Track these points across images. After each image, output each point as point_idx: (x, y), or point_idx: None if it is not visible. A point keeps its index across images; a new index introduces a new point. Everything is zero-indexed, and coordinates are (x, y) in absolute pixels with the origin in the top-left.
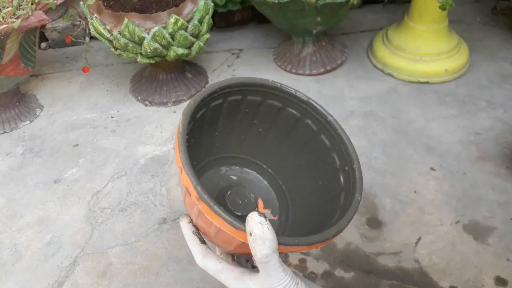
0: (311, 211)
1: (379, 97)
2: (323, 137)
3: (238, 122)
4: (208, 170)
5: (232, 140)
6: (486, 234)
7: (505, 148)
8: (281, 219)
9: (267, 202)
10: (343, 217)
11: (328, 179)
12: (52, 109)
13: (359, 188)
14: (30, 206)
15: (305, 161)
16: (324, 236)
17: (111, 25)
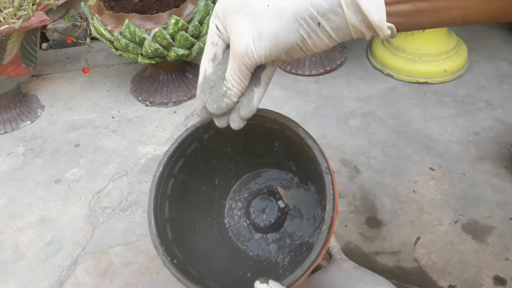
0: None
1: (378, 97)
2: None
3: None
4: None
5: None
6: (485, 234)
7: (503, 148)
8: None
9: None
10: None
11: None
12: (53, 109)
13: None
14: (31, 206)
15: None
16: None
17: (112, 26)
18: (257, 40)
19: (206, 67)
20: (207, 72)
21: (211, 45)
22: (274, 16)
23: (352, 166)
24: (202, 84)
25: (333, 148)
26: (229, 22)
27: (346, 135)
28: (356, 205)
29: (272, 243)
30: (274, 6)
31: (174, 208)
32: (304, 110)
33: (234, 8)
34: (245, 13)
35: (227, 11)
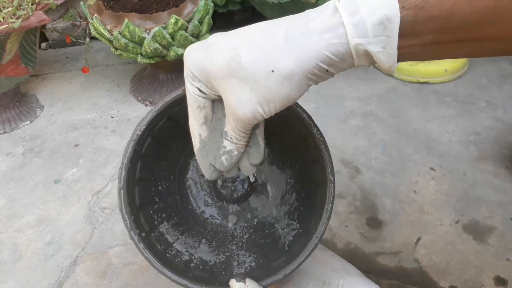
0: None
1: (379, 97)
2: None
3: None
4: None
5: None
6: (486, 234)
7: (504, 148)
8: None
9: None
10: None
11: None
12: (52, 109)
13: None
14: (30, 206)
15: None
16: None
17: (111, 25)
18: (265, 105)
19: (200, 132)
20: (202, 137)
21: (198, 109)
22: (283, 80)
23: (352, 166)
24: (201, 149)
25: (333, 148)
26: (219, 86)
27: (346, 135)
28: (357, 205)
29: (231, 214)
30: (280, 71)
31: (144, 168)
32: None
33: (222, 74)
34: (240, 79)
35: (211, 75)
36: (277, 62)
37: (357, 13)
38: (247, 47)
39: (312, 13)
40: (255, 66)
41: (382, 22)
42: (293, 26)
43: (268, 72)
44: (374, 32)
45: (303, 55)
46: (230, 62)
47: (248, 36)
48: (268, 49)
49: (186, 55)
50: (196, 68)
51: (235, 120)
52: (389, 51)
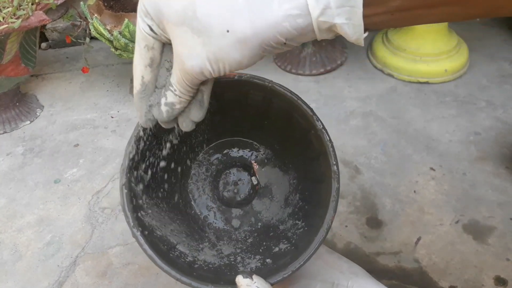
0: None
1: (379, 97)
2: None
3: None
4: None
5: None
6: (486, 234)
7: (504, 148)
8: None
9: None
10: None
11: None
12: (52, 109)
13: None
14: (30, 206)
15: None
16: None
17: (111, 25)
18: (215, 63)
19: (144, 74)
20: (145, 79)
21: (145, 48)
22: (236, 43)
23: (352, 166)
24: (141, 92)
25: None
26: (171, 31)
27: (346, 135)
28: (357, 205)
29: (234, 219)
30: (235, 34)
31: (147, 166)
32: None
33: (176, 18)
34: (194, 29)
35: (165, 17)
36: (233, 23)
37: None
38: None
39: None
40: (210, 20)
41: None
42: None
43: (222, 31)
44: (337, 3)
45: (261, 23)
46: (185, 9)
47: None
48: (227, 7)
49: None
50: (151, 5)
51: (182, 72)
52: (355, 22)
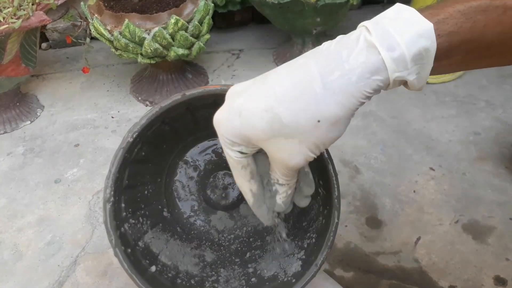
0: None
1: (378, 97)
2: None
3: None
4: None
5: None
6: (485, 234)
7: (504, 148)
8: None
9: None
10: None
11: None
12: (52, 109)
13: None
14: (31, 206)
15: None
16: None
17: (111, 26)
18: (316, 149)
19: (251, 187)
20: (254, 191)
21: (243, 169)
22: (330, 126)
23: (352, 166)
24: (256, 202)
25: (333, 148)
26: (264, 146)
27: (346, 135)
28: (356, 205)
29: (219, 221)
30: (326, 120)
31: (131, 174)
32: None
33: (265, 136)
34: (286, 136)
35: (252, 139)
36: (321, 112)
37: (397, 48)
38: (284, 104)
39: (343, 51)
40: (298, 121)
41: (420, 52)
42: (327, 69)
43: (314, 123)
44: (412, 63)
45: (347, 99)
46: (271, 124)
47: (280, 90)
48: (308, 101)
49: (217, 123)
50: (234, 136)
51: (286, 169)
52: (423, 75)
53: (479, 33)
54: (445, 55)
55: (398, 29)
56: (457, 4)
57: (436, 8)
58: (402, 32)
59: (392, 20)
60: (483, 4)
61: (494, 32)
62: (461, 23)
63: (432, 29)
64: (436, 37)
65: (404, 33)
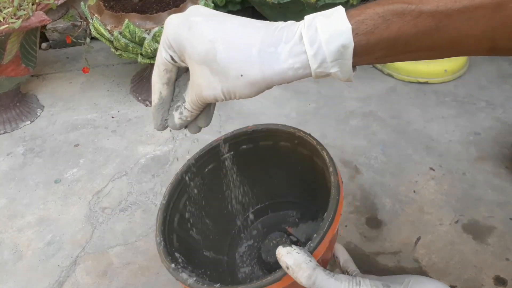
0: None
1: (378, 97)
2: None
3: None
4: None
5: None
6: (485, 234)
7: (504, 148)
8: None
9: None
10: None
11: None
12: (52, 109)
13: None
14: (30, 206)
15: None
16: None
17: (111, 26)
18: (227, 94)
19: (161, 90)
20: (162, 95)
21: (164, 71)
22: (247, 84)
23: (352, 166)
24: (159, 104)
25: (333, 148)
26: (191, 65)
27: (346, 135)
28: (356, 205)
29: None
30: (248, 78)
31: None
32: (304, 110)
33: (198, 58)
34: (213, 70)
35: (187, 54)
36: (247, 70)
37: (316, 42)
38: (224, 45)
39: (285, 33)
40: (228, 65)
41: (338, 49)
42: (267, 42)
43: (237, 75)
44: (331, 58)
45: (269, 72)
46: (207, 53)
47: (228, 33)
48: (242, 56)
49: (167, 25)
50: (175, 41)
51: (198, 96)
52: (345, 69)
53: (395, 34)
54: (364, 51)
55: (324, 28)
56: (377, 6)
57: (359, 9)
58: (325, 31)
59: (324, 18)
60: (400, 8)
61: (410, 33)
62: (378, 24)
63: (350, 29)
64: (354, 36)
65: (326, 32)
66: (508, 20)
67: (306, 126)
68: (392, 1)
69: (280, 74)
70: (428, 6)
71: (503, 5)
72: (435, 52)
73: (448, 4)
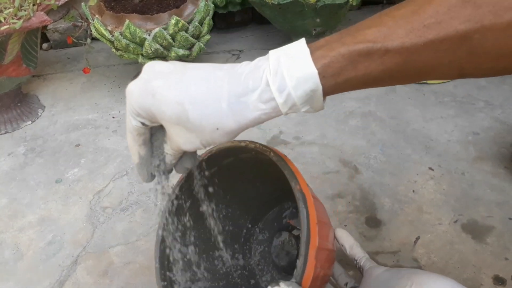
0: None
1: (378, 97)
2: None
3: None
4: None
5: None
6: (484, 234)
7: (503, 148)
8: None
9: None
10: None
11: None
12: (53, 110)
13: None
14: (31, 206)
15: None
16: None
17: (112, 26)
18: (207, 144)
19: (139, 151)
20: (141, 154)
21: (138, 135)
22: (224, 135)
23: (351, 166)
24: (140, 164)
25: (333, 148)
26: (167, 127)
27: (345, 135)
28: (356, 205)
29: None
30: (224, 129)
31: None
32: None
33: (170, 120)
34: (188, 129)
35: (157, 117)
36: (221, 123)
37: (284, 90)
38: (193, 105)
39: (250, 82)
40: (201, 123)
41: (307, 94)
42: (234, 93)
43: (213, 129)
44: (301, 101)
45: (243, 120)
46: (179, 115)
47: (193, 92)
48: (213, 112)
49: (129, 93)
50: (142, 110)
51: (177, 148)
52: (316, 106)
53: (362, 73)
54: (333, 90)
55: (290, 74)
56: (342, 47)
57: (323, 49)
58: (292, 77)
59: (289, 60)
60: (365, 48)
61: (377, 70)
62: (344, 66)
63: (316, 74)
64: (321, 79)
65: (293, 78)
66: (474, 50)
67: (305, 126)
68: (356, 40)
69: (254, 121)
70: (394, 43)
71: (468, 37)
72: (406, 81)
73: (413, 40)
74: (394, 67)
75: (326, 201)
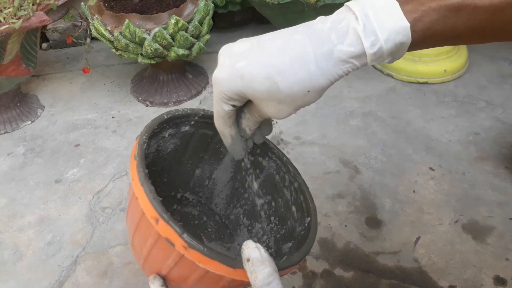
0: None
1: (378, 97)
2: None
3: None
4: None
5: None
6: (485, 234)
7: (504, 148)
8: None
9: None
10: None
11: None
12: (53, 109)
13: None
14: (31, 206)
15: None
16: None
17: (112, 26)
18: (298, 109)
19: (231, 132)
20: (232, 135)
21: (229, 118)
22: (316, 95)
23: (352, 166)
24: (233, 143)
25: (333, 148)
26: (258, 103)
27: (346, 135)
28: (356, 205)
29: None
30: (315, 90)
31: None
32: (304, 110)
33: (262, 96)
34: (279, 100)
35: (248, 96)
36: (312, 85)
37: (377, 44)
38: (282, 76)
39: (334, 37)
40: (293, 90)
41: (396, 46)
42: (320, 52)
43: (304, 93)
44: (387, 53)
45: (333, 76)
46: (269, 89)
47: (279, 62)
48: (303, 76)
49: (218, 81)
50: (234, 93)
51: (266, 117)
52: (397, 57)
53: (450, 28)
54: (419, 44)
55: (380, 24)
56: (432, 2)
57: (414, 4)
58: (383, 28)
59: (378, 12)
60: (456, 3)
61: (464, 27)
62: (434, 21)
63: (409, 28)
64: (412, 33)
65: (385, 29)
66: None
67: (306, 126)
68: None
69: (342, 75)
70: (483, 0)
71: None
72: (486, 39)
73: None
74: (480, 24)
75: (327, 201)
